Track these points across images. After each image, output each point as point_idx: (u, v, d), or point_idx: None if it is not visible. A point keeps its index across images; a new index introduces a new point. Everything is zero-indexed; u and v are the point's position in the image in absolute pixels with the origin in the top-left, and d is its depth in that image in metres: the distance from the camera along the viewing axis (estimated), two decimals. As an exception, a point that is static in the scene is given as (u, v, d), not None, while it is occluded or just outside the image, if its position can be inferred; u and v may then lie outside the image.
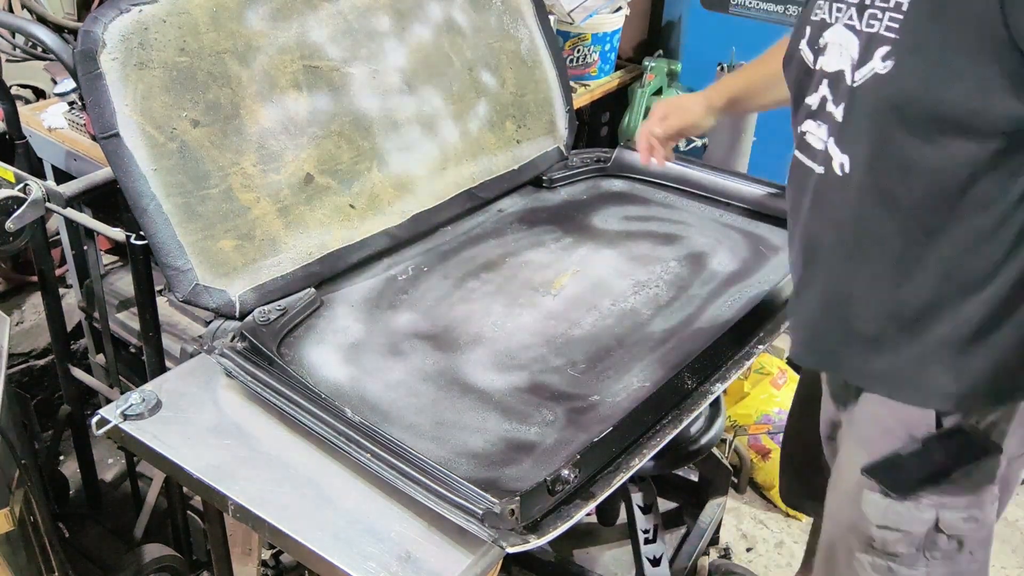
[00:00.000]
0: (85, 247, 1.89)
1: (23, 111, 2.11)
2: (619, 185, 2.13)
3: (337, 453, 1.24)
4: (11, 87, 2.21)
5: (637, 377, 1.46)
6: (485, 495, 1.11)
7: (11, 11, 2.46)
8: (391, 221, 1.76)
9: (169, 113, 1.47)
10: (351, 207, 1.71)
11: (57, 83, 2.13)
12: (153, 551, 1.92)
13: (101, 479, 2.41)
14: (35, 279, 2.22)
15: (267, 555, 2.09)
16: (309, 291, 1.60)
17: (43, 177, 1.72)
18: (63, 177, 2.00)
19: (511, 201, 2.03)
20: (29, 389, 2.55)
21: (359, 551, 1.14)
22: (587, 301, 1.66)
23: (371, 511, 1.20)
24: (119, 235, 1.57)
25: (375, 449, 1.20)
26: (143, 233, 1.46)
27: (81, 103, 2.01)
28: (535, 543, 1.10)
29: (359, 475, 1.24)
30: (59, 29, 2.45)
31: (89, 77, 1.40)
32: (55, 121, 2.10)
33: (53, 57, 1.94)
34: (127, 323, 1.91)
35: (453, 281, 1.72)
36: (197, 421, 1.34)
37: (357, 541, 1.15)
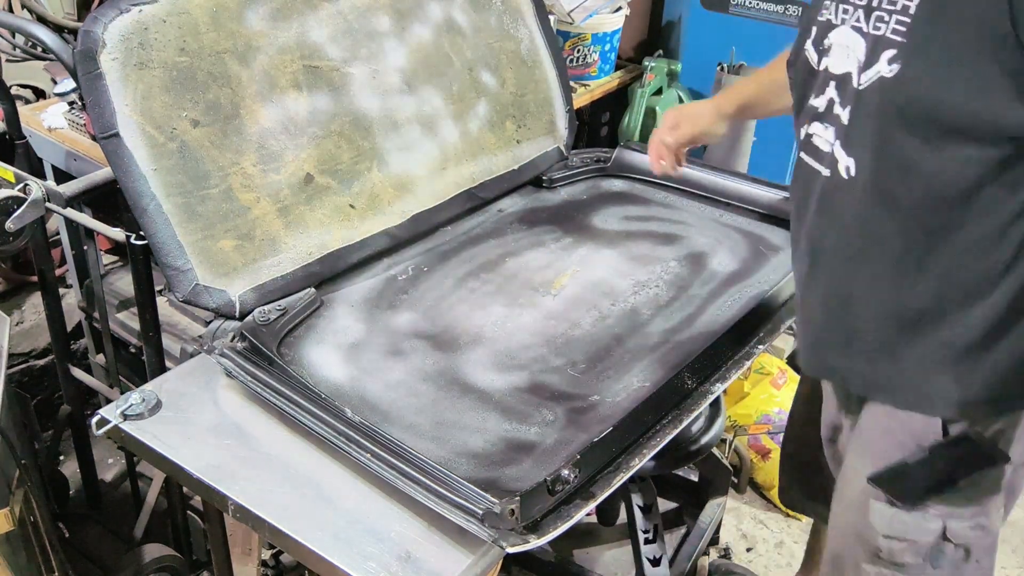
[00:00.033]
0: (85, 247, 1.89)
1: (23, 111, 2.11)
2: (619, 185, 2.13)
3: (337, 453, 1.24)
4: (11, 87, 2.21)
5: (637, 377, 1.46)
6: (485, 495, 1.11)
7: (11, 11, 2.46)
8: (391, 221, 1.76)
9: (169, 113, 1.47)
10: (351, 207, 1.71)
11: (57, 83, 2.13)
12: (153, 551, 1.92)
13: (101, 479, 2.41)
14: (35, 279, 2.23)
15: (267, 555, 2.09)
16: (309, 291, 1.60)
17: (43, 177, 1.72)
18: (63, 177, 2.00)
19: (511, 201, 2.03)
20: (29, 389, 2.55)
21: (359, 551, 1.14)
22: (587, 301, 1.66)
23: (371, 511, 1.20)
24: (119, 235, 1.57)
25: (375, 449, 1.20)
26: (143, 233, 1.46)
27: (81, 103, 2.01)
28: (535, 543, 1.10)
29: (359, 475, 1.24)
30: (59, 29, 2.45)
31: (89, 77, 1.40)
32: (55, 121, 2.10)
33: (53, 57, 1.94)
34: (127, 323, 1.91)
35: (453, 281, 1.72)
36: (197, 421, 1.34)
37: (357, 541, 1.15)
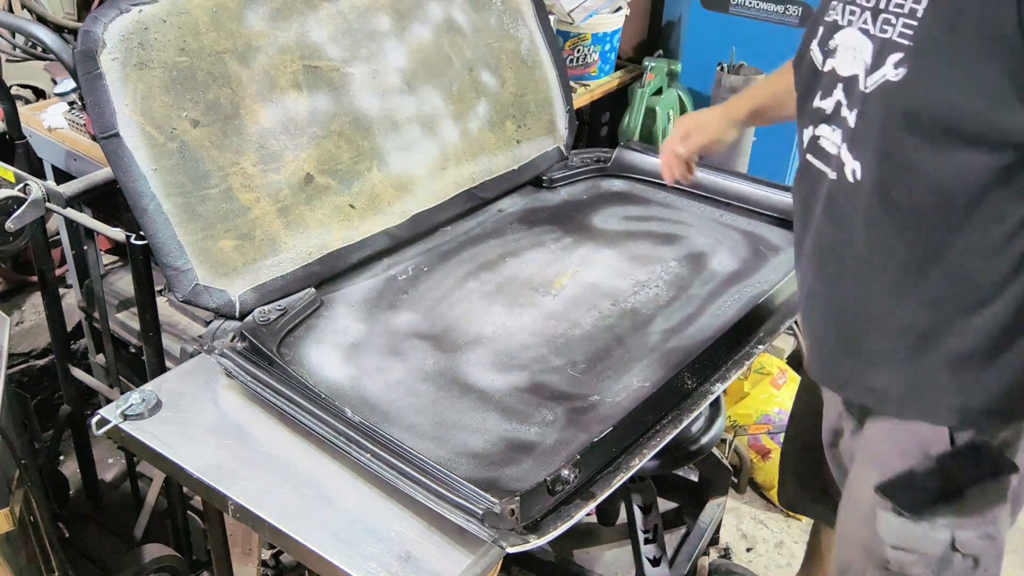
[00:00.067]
0: (85, 247, 1.89)
1: (23, 111, 2.11)
2: (619, 185, 2.13)
3: (337, 453, 1.24)
4: (11, 87, 2.21)
5: (637, 377, 1.46)
6: (485, 495, 1.11)
7: (11, 11, 2.46)
8: (391, 221, 1.76)
9: (169, 113, 1.47)
10: (351, 207, 1.71)
11: (57, 83, 2.13)
12: (153, 551, 1.92)
13: (101, 479, 2.41)
14: (35, 279, 2.23)
15: (267, 555, 2.09)
16: (309, 291, 1.60)
17: (43, 177, 1.72)
18: (63, 177, 2.00)
19: (511, 201, 2.03)
20: (29, 389, 2.55)
21: (359, 551, 1.14)
22: (587, 301, 1.66)
23: (371, 511, 1.20)
24: (119, 235, 1.57)
25: (375, 449, 1.20)
26: (143, 233, 1.46)
27: (81, 103, 2.01)
28: (535, 543, 1.10)
29: (359, 475, 1.24)
30: (59, 29, 2.45)
31: (89, 77, 1.40)
32: (55, 121, 2.10)
33: (53, 57, 1.94)
34: (127, 323, 1.91)
35: (453, 281, 1.72)
36: (197, 421, 1.34)
37: (357, 541, 1.15)
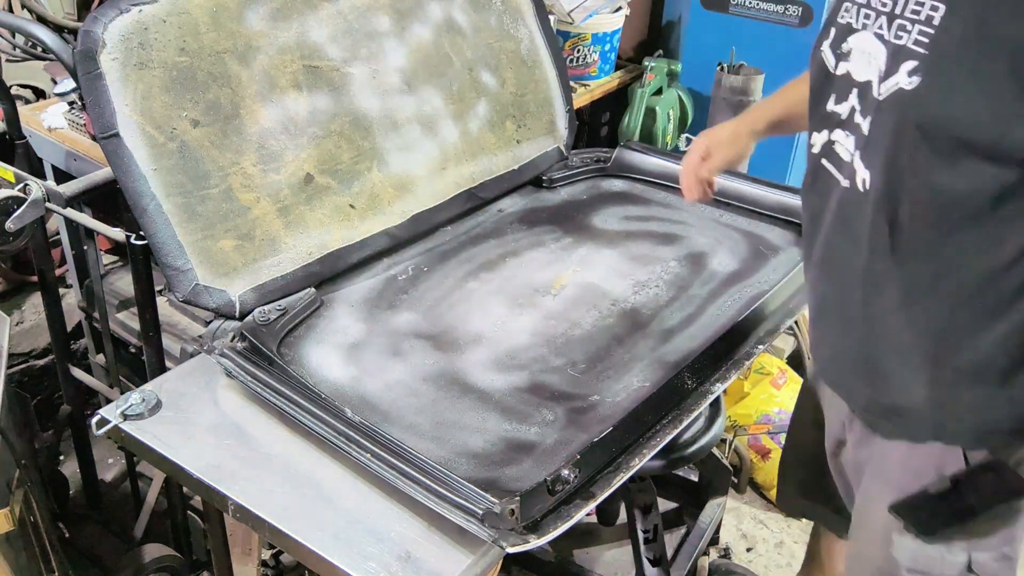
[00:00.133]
0: (85, 247, 1.89)
1: (23, 111, 2.11)
2: (619, 185, 2.13)
3: (337, 453, 1.24)
4: (11, 87, 2.21)
5: (637, 377, 1.46)
6: (485, 495, 1.11)
7: (11, 11, 2.46)
8: (391, 221, 1.76)
9: (169, 113, 1.47)
10: (351, 207, 1.71)
11: (57, 83, 2.13)
12: (153, 551, 1.93)
13: (101, 479, 2.41)
14: (35, 279, 2.22)
15: (267, 555, 2.09)
16: (309, 291, 1.60)
17: (43, 177, 1.72)
18: (63, 177, 2.00)
19: (511, 201, 2.03)
20: (29, 389, 2.55)
21: (359, 551, 1.14)
22: (587, 301, 1.66)
23: (371, 511, 1.20)
24: (119, 235, 1.57)
25: (375, 449, 1.20)
26: (143, 233, 1.46)
27: (81, 103, 2.01)
28: (535, 543, 1.10)
29: (359, 475, 1.24)
30: (59, 29, 2.45)
31: (89, 77, 1.40)
32: (55, 121, 2.10)
33: (53, 57, 1.94)
34: (127, 323, 1.91)
35: (453, 281, 1.72)
36: (197, 421, 1.34)
37: (357, 541, 1.15)
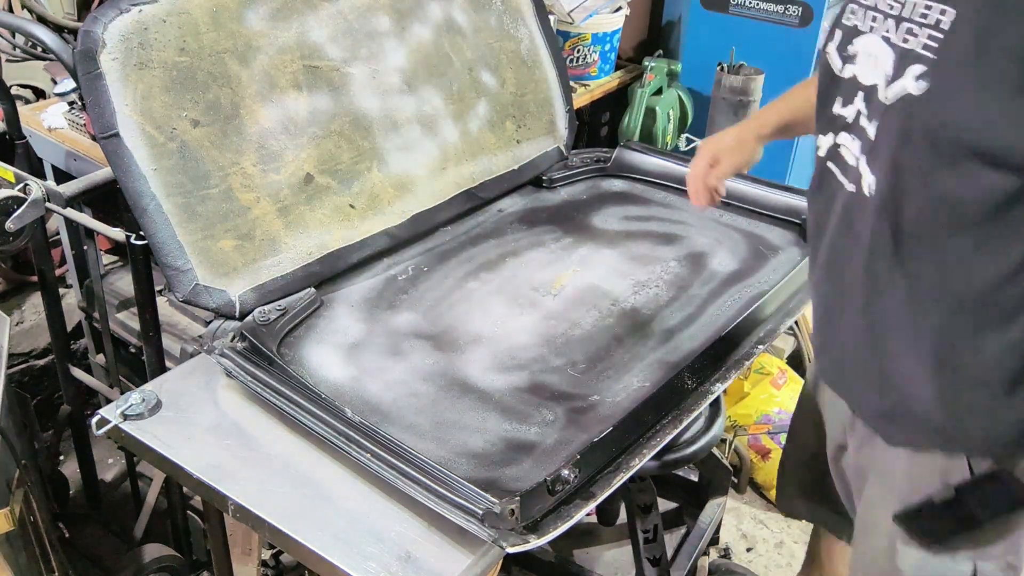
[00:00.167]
0: (85, 247, 1.89)
1: (23, 111, 2.11)
2: (619, 185, 2.13)
3: (337, 453, 1.24)
4: (11, 87, 2.21)
5: (637, 377, 1.46)
6: (485, 495, 1.11)
7: (11, 11, 2.46)
8: (391, 221, 1.76)
9: (169, 113, 1.47)
10: (351, 207, 1.71)
11: (57, 83, 2.13)
12: (153, 551, 1.92)
13: (101, 479, 2.41)
14: (35, 279, 2.23)
15: (267, 555, 2.09)
16: (309, 291, 1.60)
17: (43, 177, 1.72)
18: (63, 177, 2.00)
19: (511, 201, 2.03)
20: (29, 389, 2.55)
21: (359, 551, 1.14)
22: (587, 301, 1.66)
23: (371, 511, 1.20)
24: (119, 235, 1.57)
25: (375, 449, 1.20)
26: (143, 233, 1.46)
27: (81, 103, 2.01)
28: (535, 543, 1.10)
29: (359, 475, 1.24)
30: (59, 29, 2.45)
31: (89, 77, 1.40)
32: (55, 121, 2.10)
33: (53, 57, 1.94)
34: (127, 323, 1.91)
35: (453, 281, 1.72)
36: (197, 421, 1.34)
37: (357, 541, 1.15)
